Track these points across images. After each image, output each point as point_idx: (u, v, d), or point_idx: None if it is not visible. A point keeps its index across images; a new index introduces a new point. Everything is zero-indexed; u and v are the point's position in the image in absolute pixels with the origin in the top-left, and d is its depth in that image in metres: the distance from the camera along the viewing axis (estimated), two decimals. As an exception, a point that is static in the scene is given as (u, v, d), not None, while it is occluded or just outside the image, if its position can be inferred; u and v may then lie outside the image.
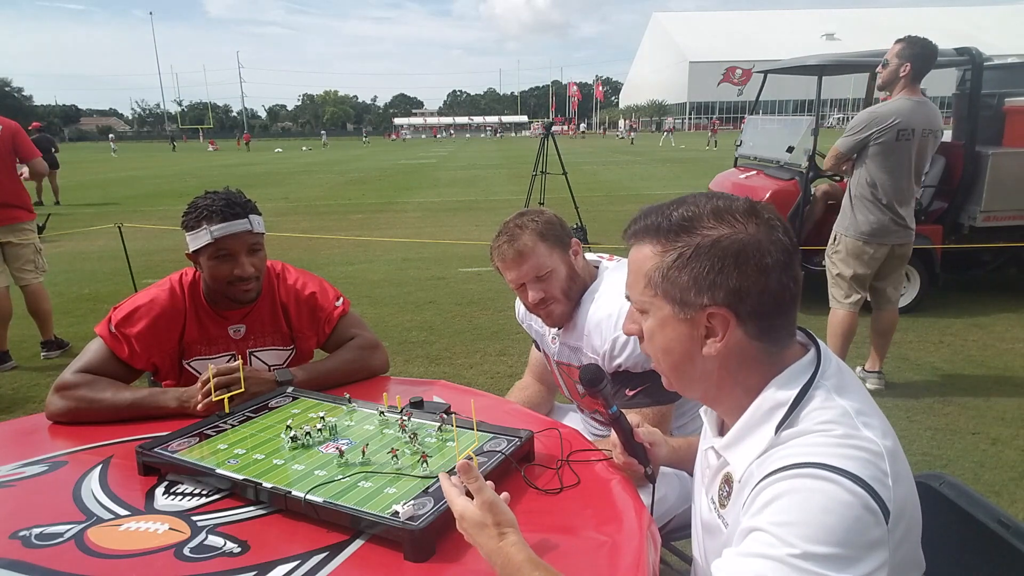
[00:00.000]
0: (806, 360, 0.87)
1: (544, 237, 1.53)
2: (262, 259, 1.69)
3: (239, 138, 54.54)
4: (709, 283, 0.83)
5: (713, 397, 0.93)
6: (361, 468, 1.18)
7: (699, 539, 1.04)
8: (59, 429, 1.49)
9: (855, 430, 0.78)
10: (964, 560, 1.08)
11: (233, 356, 1.72)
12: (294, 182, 18.28)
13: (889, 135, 3.26)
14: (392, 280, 6.46)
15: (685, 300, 0.85)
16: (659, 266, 0.86)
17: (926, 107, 3.30)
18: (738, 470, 0.86)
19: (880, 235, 3.38)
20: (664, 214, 0.87)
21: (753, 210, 0.85)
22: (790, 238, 0.85)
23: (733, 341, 0.85)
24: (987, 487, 2.65)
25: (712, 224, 0.84)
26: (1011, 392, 3.56)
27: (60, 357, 4.43)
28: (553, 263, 1.54)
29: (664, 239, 0.86)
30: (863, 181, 3.39)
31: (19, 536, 1.05)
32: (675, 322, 0.87)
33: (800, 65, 5.40)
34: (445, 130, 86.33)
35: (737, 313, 0.83)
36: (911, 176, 3.35)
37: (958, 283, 5.52)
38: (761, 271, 0.81)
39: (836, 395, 0.82)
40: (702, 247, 0.83)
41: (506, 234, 1.54)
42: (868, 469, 0.74)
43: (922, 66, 3.26)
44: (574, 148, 32.82)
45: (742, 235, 0.82)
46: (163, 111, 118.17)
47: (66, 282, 6.54)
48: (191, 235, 1.62)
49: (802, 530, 0.71)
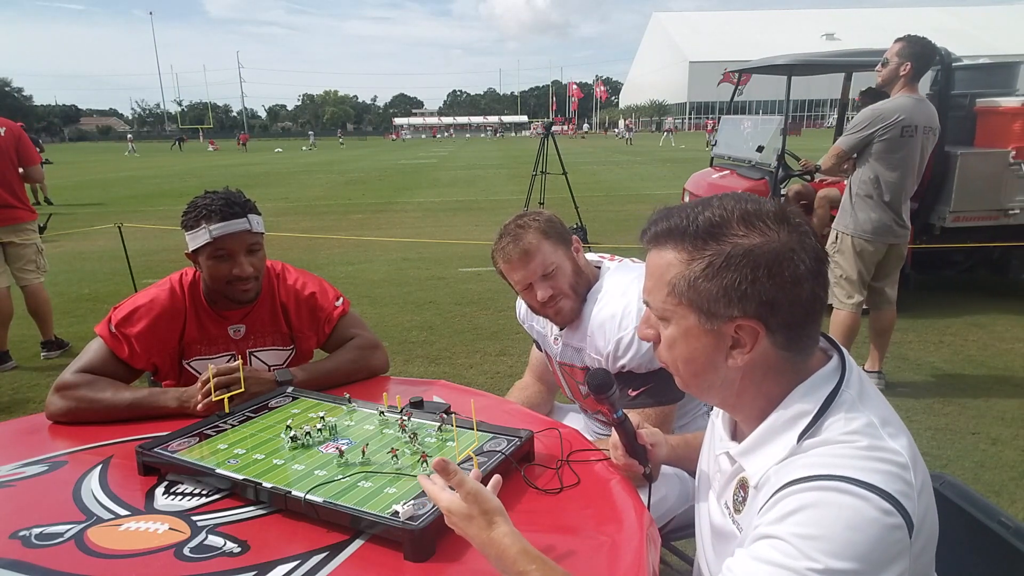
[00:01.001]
0: (830, 368, 0.85)
1: (547, 235, 1.54)
2: (261, 259, 1.69)
3: (239, 138, 54.59)
4: (740, 294, 0.79)
5: (732, 404, 0.91)
6: (361, 468, 1.18)
7: (705, 543, 1.02)
8: (59, 429, 1.49)
9: (881, 441, 0.77)
10: (964, 560, 1.08)
11: (233, 356, 1.72)
12: (294, 182, 18.27)
13: (894, 131, 3.27)
14: (392, 280, 6.45)
15: (713, 311, 0.81)
16: (685, 275, 0.82)
17: (925, 105, 3.33)
18: (754, 475, 0.85)
19: (881, 234, 3.38)
20: (689, 217, 0.83)
21: (784, 215, 0.81)
22: (819, 243, 0.81)
23: (760, 352, 0.82)
24: (987, 487, 2.65)
25: (743, 231, 0.80)
26: (1011, 392, 3.56)
27: (60, 357, 4.43)
28: (559, 259, 1.54)
29: (690, 245, 0.82)
30: (866, 179, 3.38)
31: (19, 536, 1.05)
32: (700, 332, 0.84)
33: (769, 65, 5.42)
34: (445, 130, 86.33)
35: (767, 325, 0.80)
36: (915, 174, 3.36)
37: (929, 284, 5.55)
38: (795, 281, 0.78)
39: (860, 404, 0.81)
40: (733, 256, 0.79)
41: (509, 235, 1.54)
42: (895, 483, 0.73)
43: (922, 65, 3.28)
44: (574, 148, 32.80)
45: (775, 243, 0.79)
46: (163, 111, 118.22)
47: (66, 282, 6.54)
48: (190, 234, 1.62)
49: (826, 545, 0.70)
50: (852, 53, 5.34)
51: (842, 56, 5.38)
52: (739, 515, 0.90)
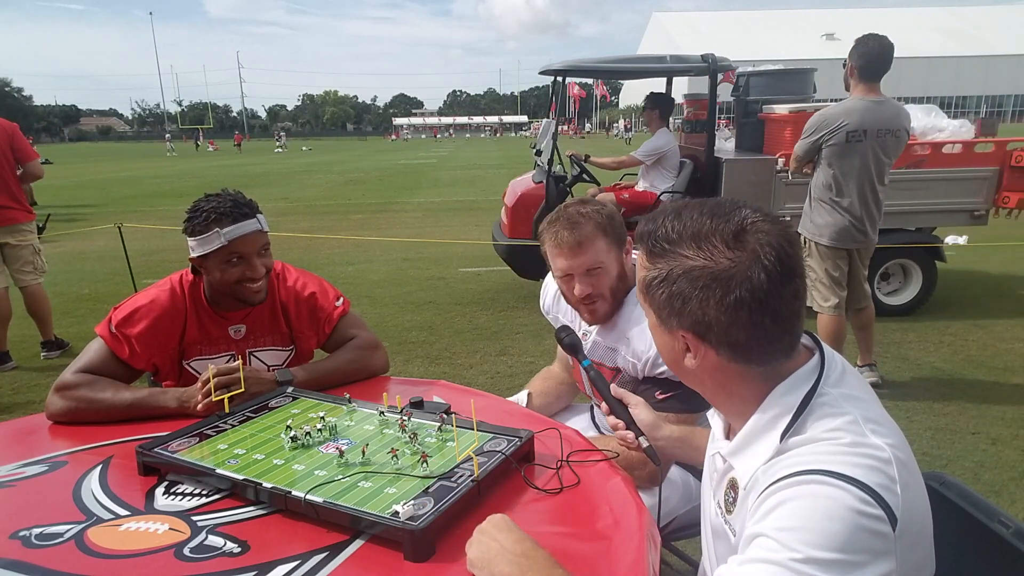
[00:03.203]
0: (809, 366, 0.85)
1: (605, 232, 1.48)
2: (270, 259, 1.69)
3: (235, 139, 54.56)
4: (677, 310, 0.84)
5: (712, 399, 0.94)
6: (361, 468, 1.18)
7: (709, 543, 1.03)
8: (59, 429, 1.49)
9: (863, 437, 0.77)
10: (964, 560, 1.08)
11: (233, 356, 1.72)
12: (294, 182, 18.27)
13: (838, 136, 3.22)
14: (392, 280, 6.45)
15: (663, 317, 0.87)
16: (645, 279, 0.88)
17: (882, 107, 3.22)
18: (743, 476, 0.86)
19: (839, 238, 3.35)
20: (656, 225, 0.87)
21: (739, 236, 0.80)
22: (779, 267, 0.78)
23: (709, 361, 0.85)
24: (987, 487, 2.65)
25: (689, 251, 0.82)
26: (1011, 392, 3.56)
27: (60, 357, 4.43)
28: (608, 260, 1.49)
29: (649, 254, 0.88)
30: (819, 184, 3.37)
31: (19, 536, 1.05)
32: (660, 331, 0.90)
33: (546, 70, 5.40)
34: (445, 130, 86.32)
35: (706, 341, 0.84)
36: (872, 178, 3.28)
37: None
38: (726, 308, 0.79)
39: (844, 401, 0.81)
40: (673, 274, 0.83)
41: (566, 219, 1.47)
42: (874, 476, 0.74)
43: (867, 64, 3.18)
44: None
45: (715, 268, 0.80)
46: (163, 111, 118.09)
47: (66, 282, 6.54)
48: (199, 239, 1.58)
49: (805, 535, 0.71)
50: (623, 60, 5.42)
51: (612, 62, 5.42)
52: (730, 516, 0.91)
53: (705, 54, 4.80)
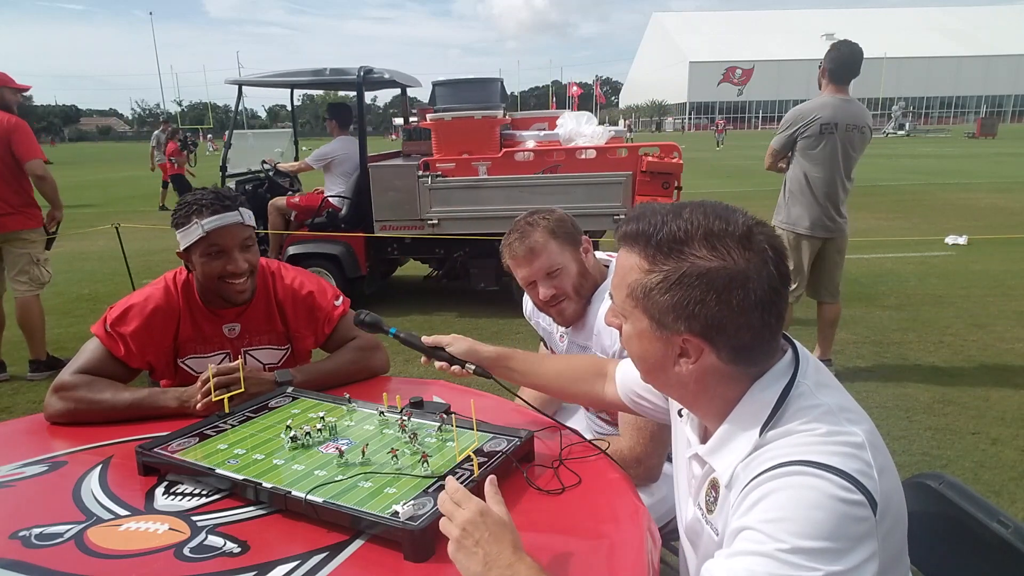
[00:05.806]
0: (784, 362, 0.87)
1: (555, 235, 1.54)
2: (255, 255, 1.67)
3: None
4: (689, 313, 0.81)
5: (690, 403, 0.94)
6: (361, 468, 1.17)
7: (686, 547, 1.04)
8: (59, 429, 1.49)
9: (838, 425, 0.79)
10: (964, 560, 1.08)
11: (228, 355, 1.72)
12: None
13: (813, 129, 3.48)
14: (392, 280, 6.45)
15: (663, 322, 0.84)
16: (642, 283, 0.84)
17: (851, 105, 3.50)
18: (724, 474, 0.86)
19: (814, 228, 3.56)
20: (656, 224, 0.83)
21: (749, 237, 0.81)
22: (782, 269, 0.82)
23: (706, 364, 0.85)
24: (987, 487, 2.65)
25: (702, 252, 0.80)
26: (1011, 392, 3.56)
27: (46, 379, 4.11)
28: (564, 261, 1.54)
29: (651, 255, 0.83)
30: (794, 176, 3.60)
31: (19, 536, 1.05)
32: (651, 337, 0.86)
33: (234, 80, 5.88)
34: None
35: (713, 343, 0.83)
36: (841, 171, 3.52)
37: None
38: (745, 308, 0.79)
39: (818, 394, 0.83)
40: (688, 276, 0.80)
41: (517, 231, 1.55)
42: (852, 463, 0.75)
43: (838, 68, 3.47)
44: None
45: (731, 269, 0.79)
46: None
47: (66, 282, 6.54)
48: (182, 232, 1.60)
49: (791, 526, 0.72)
50: (290, 74, 5.81)
51: (281, 76, 5.87)
52: (712, 515, 0.91)
53: (362, 66, 5.22)
